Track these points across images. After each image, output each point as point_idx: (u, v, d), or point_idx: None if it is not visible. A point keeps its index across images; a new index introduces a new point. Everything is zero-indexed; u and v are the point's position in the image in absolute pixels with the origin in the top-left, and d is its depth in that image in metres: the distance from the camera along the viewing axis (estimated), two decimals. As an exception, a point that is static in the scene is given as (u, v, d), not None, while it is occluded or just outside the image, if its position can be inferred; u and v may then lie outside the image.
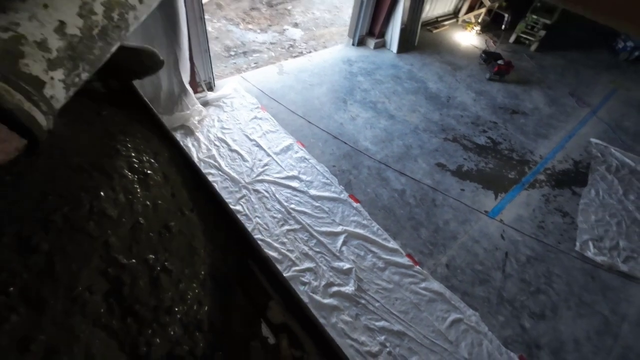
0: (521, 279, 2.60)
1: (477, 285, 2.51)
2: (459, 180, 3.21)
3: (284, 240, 2.54)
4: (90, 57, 0.43)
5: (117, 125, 0.70)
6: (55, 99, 0.40)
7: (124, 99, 0.76)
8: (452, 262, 2.62)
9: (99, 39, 0.43)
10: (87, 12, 0.41)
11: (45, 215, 0.53)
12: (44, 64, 0.38)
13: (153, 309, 0.51)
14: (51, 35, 0.38)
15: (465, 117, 3.96)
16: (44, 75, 0.38)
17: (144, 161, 0.65)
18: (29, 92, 0.36)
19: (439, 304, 2.38)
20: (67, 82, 0.41)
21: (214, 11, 5.00)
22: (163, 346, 0.48)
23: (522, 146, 3.74)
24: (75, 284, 0.49)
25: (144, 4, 0.49)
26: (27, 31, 0.37)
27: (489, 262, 2.65)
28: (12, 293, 0.47)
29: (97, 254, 0.53)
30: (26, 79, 0.36)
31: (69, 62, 0.40)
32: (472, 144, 3.63)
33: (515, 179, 3.35)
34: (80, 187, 0.57)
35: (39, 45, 0.38)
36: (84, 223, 0.55)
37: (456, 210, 2.96)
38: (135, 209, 0.60)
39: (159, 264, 0.55)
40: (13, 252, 0.50)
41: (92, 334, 0.46)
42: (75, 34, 0.40)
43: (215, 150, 3.01)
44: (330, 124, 3.51)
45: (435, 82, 4.39)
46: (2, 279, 0.48)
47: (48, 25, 0.38)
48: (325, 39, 4.92)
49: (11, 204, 0.53)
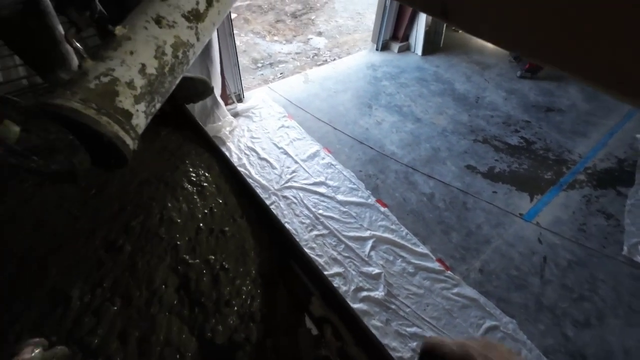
0: (562, 285, 2.47)
1: (513, 291, 2.43)
2: (491, 182, 3.12)
3: (313, 245, 2.59)
4: (162, 90, 0.52)
5: (174, 143, 0.81)
6: (139, 127, 0.49)
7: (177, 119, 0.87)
8: (485, 267, 2.55)
9: (168, 74, 0.52)
10: (160, 54, 0.50)
11: (126, 222, 0.64)
12: (131, 99, 0.47)
13: (215, 301, 0.59)
14: (136, 75, 0.48)
15: (496, 117, 3.84)
16: (132, 109, 0.47)
17: (199, 174, 0.76)
18: (122, 122, 0.45)
19: (472, 310, 2.32)
20: (146, 112, 0.50)
21: (241, 25, 5.24)
22: (224, 333, 0.55)
23: (558, 145, 3.56)
24: (154, 279, 0.59)
25: (200, 41, 0.57)
26: (120, 74, 0.46)
27: (525, 267, 2.55)
28: (106, 286, 0.56)
29: (169, 255, 0.63)
30: (120, 112, 0.46)
31: (148, 96, 0.49)
32: (503, 144, 3.52)
33: (552, 180, 3.20)
34: (151, 198, 0.67)
35: (128, 85, 0.47)
36: (157, 229, 0.65)
37: (489, 213, 2.87)
38: (196, 216, 0.69)
39: (218, 263, 0.63)
40: (104, 251, 0.60)
41: (169, 321, 0.55)
42: (152, 73, 0.49)
43: (246, 159, 3.14)
44: (356, 129, 3.54)
45: (462, 83, 4.30)
46: (100, 274, 0.57)
47: (133, 68, 0.47)
48: (348, 46, 4.99)
49: (97, 211, 0.63)
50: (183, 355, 0.52)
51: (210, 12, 0.59)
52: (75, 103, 0.43)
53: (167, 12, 0.54)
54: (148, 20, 0.52)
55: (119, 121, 0.45)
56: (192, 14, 0.56)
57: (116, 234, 0.62)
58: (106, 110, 0.44)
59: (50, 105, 0.43)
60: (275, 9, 5.73)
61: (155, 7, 0.53)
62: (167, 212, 0.67)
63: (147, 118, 0.51)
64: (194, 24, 0.57)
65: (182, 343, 0.53)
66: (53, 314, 0.53)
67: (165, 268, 0.60)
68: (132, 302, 0.55)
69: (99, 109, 0.44)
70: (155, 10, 0.53)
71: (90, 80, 0.46)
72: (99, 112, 0.44)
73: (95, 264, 0.59)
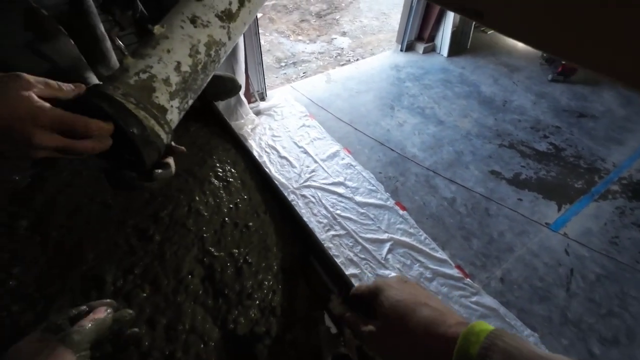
0: (589, 299, 2.35)
1: (536, 302, 2.33)
2: (516, 189, 3.02)
3: (330, 245, 2.59)
4: (195, 87, 0.54)
5: (202, 139, 0.84)
6: (173, 122, 0.52)
7: (206, 116, 0.90)
8: (507, 276, 2.46)
9: (201, 72, 0.54)
10: (194, 53, 0.52)
11: (155, 212, 0.67)
12: (167, 95, 0.49)
13: (238, 293, 0.60)
14: (172, 73, 0.50)
15: (524, 122, 3.70)
16: (167, 104, 0.50)
17: (225, 170, 0.78)
18: (157, 117, 0.48)
19: (492, 320, 2.25)
20: (180, 108, 0.52)
21: (266, 25, 5.31)
22: (246, 325, 0.57)
23: (590, 153, 3.39)
24: (181, 269, 0.61)
25: (231, 40, 0.59)
26: (157, 71, 0.49)
27: (550, 279, 2.45)
28: (137, 273, 0.59)
29: (196, 246, 0.65)
30: (157, 107, 0.48)
31: (182, 92, 0.51)
32: (531, 150, 3.39)
33: (583, 189, 3.05)
34: (179, 190, 0.70)
35: (165, 82, 0.49)
36: (185, 220, 0.68)
37: (512, 221, 2.78)
38: (221, 210, 0.72)
39: (242, 257, 0.65)
40: (136, 239, 0.63)
41: (194, 310, 0.57)
42: (186, 70, 0.52)
43: (266, 157, 3.18)
44: (377, 130, 3.51)
45: (489, 86, 4.18)
46: (131, 261, 0.60)
47: (170, 65, 0.50)
48: (372, 46, 4.95)
49: (129, 201, 0.66)
50: (206, 343, 0.54)
51: (242, 12, 0.61)
52: (117, 96, 0.46)
53: (202, 12, 0.56)
54: (184, 20, 0.54)
55: (155, 116, 0.48)
56: (225, 14, 0.58)
57: (146, 223, 0.66)
58: (144, 104, 0.47)
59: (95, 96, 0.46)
60: (300, 9, 5.77)
61: (191, 7, 0.56)
62: (194, 204, 0.71)
63: (180, 114, 0.53)
64: (227, 23, 0.59)
65: (206, 332, 0.55)
66: (88, 296, 0.57)
67: (191, 259, 0.62)
68: (160, 289, 0.58)
69: (137, 103, 0.47)
70: (191, 10, 0.55)
71: (131, 76, 0.49)
72: (137, 107, 0.47)
73: (127, 251, 0.62)
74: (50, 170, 0.82)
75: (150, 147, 0.48)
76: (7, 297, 0.58)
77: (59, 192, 0.77)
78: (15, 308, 0.57)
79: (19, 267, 0.62)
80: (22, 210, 0.73)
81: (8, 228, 0.69)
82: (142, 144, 0.46)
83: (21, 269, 0.62)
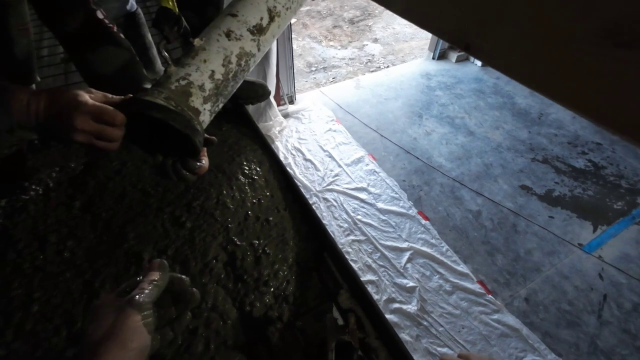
0: (623, 329, 2.20)
1: (563, 327, 2.22)
2: (548, 206, 2.88)
3: (349, 250, 2.62)
4: (225, 93, 0.62)
5: (233, 138, 0.93)
6: (204, 122, 0.61)
7: (237, 117, 0.99)
8: (532, 296, 2.36)
9: (232, 80, 0.62)
10: (227, 63, 0.60)
11: (188, 202, 0.75)
12: (201, 99, 0.58)
13: (255, 279, 0.67)
14: (207, 80, 0.58)
15: (561, 137, 3.53)
16: (200, 107, 0.58)
17: (251, 168, 0.87)
18: (192, 117, 0.55)
19: (513, 341, 2.17)
20: (211, 111, 0.61)
21: (299, 30, 5.46)
22: (261, 309, 0.63)
23: (634, 172, 3.17)
24: (207, 253, 0.69)
25: (260, 51, 0.66)
26: (194, 79, 0.57)
27: (580, 303, 2.32)
28: (170, 254, 0.68)
29: (221, 234, 0.73)
30: (192, 109, 0.56)
31: (214, 97, 0.60)
32: (566, 166, 3.22)
33: (623, 211, 2.86)
34: (210, 184, 0.79)
35: (200, 88, 0.57)
36: (213, 210, 0.76)
37: (542, 239, 2.66)
38: (245, 204, 0.80)
39: (261, 247, 0.72)
40: (170, 225, 0.71)
41: (216, 291, 0.64)
42: (219, 78, 0.60)
43: (292, 158, 3.27)
44: (403, 138, 3.50)
45: (524, 97, 4.03)
46: (165, 243, 0.69)
47: (205, 73, 0.58)
48: (404, 53, 4.94)
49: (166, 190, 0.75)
50: (225, 321, 0.61)
51: (272, 26, 0.68)
52: (160, 100, 0.54)
53: (236, 26, 0.64)
54: (220, 34, 0.62)
55: (190, 116, 0.56)
56: (257, 28, 0.65)
57: (180, 211, 0.75)
58: (182, 107, 0.55)
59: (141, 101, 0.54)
60: (334, 15, 5.87)
61: (227, 22, 0.64)
62: (222, 197, 0.79)
63: (211, 116, 0.62)
64: (257, 37, 0.66)
65: (226, 311, 0.62)
66: (128, 271, 0.66)
67: (217, 245, 0.70)
68: (189, 270, 0.66)
69: (177, 106, 0.55)
70: (227, 25, 0.63)
71: (172, 82, 0.57)
72: (177, 108, 0.55)
73: (162, 234, 0.71)
74: (102, 159, 0.93)
75: (198, 134, 0.57)
76: (62, 265, 0.68)
77: (109, 179, 0.88)
78: (68, 275, 0.66)
79: (72, 241, 0.72)
80: (76, 193, 0.84)
81: (66, 207, 0.80)
82: (192, 133, 0.55)
83: (75, 242, 0.72)
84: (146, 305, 0.44)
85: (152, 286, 0.47)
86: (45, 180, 0.87)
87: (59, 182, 0.86)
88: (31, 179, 0.85)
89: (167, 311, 0.50)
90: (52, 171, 0.90)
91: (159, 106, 0.52)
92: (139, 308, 0.44)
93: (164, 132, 0.55)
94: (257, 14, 0.66)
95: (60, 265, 0.67)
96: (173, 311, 0.50)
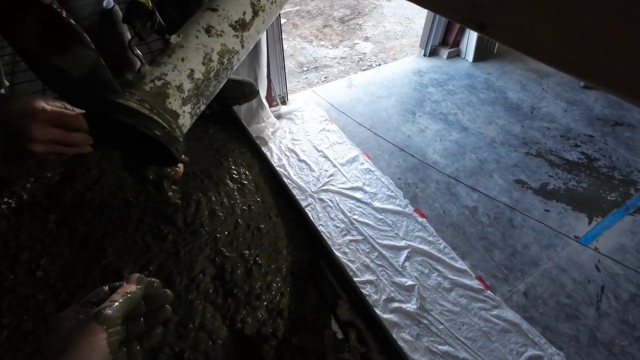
0: (622, 320, 2.20)
1: (562, 320, 2.21)
2: (543, 199, 2.88)
3: (346, 250, 2.58)
4: (207, 94, 0.57)
5: (220, 141, 0.88)
6: (184, 126, 0.55)
7: (225, 119, 0.94)
8: (531, 290, 2.35)
9: (213, 79, 0.57)
10: (207, 61, 0.55)
11: (172, 210, 0.70)
12: (179, 101, 0.53)
13: (247, 293, 0.62)
14: (185, 80, 0.53)
15: (553, 130, 3.54)
16: (179, 110, 0.53)
17: (240, 172, 0.81)
18: (170, 121, 0.50)
19: (513, 336, 2.15)
20: (192, 113, 0.56)
21: (290, 30, 5.40)
22: (253, 325, 0.59)
23: (626, 163, 3.19)
24: (194, 267, 0.64)
25: (244, 48, 0.62)
26: (171, 78, 0.52)
27: (578, 296, 2.31)
28: (152, 270, 0.62)
29: (209, 246, 0.67)
30: (169, 112, 0.51)
31: (194, 98, 0.55)
32: (560, 159, 3.23)
33: (617, 202, 2.87)
34: (195, 190, 0.73)
35: (178, 88, 0.52)
36: (199, 220, 0.70)
37: (538, 233, 2.65)
38: (235, 211, 0.75)
39: (252, 258, 0.67)
40: (152, 238, 0.66)
41: (204, 308, 0.59)
42: (199, 77, 0.55)
43: (286, 160, 3.22)
44: (397, 136, 3.47)
45: (516, 92, 4.03)
46: (147, 258, 0.63)
47: (183, 73, 0.53)
48: (395, 51, 4.92)
49: (148, 201, 0.70)
50: (215, 341, 0.56)
51: (256, 22, 0.63)
52: (132, 103, 0.49)
53: (216, 22, 0.59)
54: (199, 30, 0.57)
55: (168, 120, 0.51)
56: (239, 24, 0.61)
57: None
58: (157, 110, 0.50)
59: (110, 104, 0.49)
60: (324, 14, 5.83)
61: (207, 17, 0.59)
62: (209, 205, 0.74)
63: (192, 118, 0.57)
64: (240, 32, 0.61)
65: (215, 330, 0.57)
66: (106, 290, 0.60)
67: (204, 258, 0.65)
68: (174, 286, 0.61)
69: (151, 109, 0.50)
70: (206, 20, 0.58)
71: (147, 83, 0.52)
72: (151, 112, 0.50)
73: (144, 248, 0.65)
74: (80, 168, 0.87)
75: (175, 142, 0.51)
76: (35, 285, 0.63)
77: (87, 189, 0.82)
78: (40, 297, 0.61)
79: (46, 259, 0.66)
80: (52, 205, 0.78)
81: (41, 221, 0.74)
82: (168, 142, 0.50)
83: (49, 260, 0.66)
84: (115, 321, 0.40)
85: (124, 299, 0.41)
86: (18, 192, 0.81)
87: (34, 194, 0.80)
88: (3, 191, 0.80)
89: (136, 323, 0.44)
90: (27, 182, 0.84)
91: (130, 109, 0.47)
92: (107, 323, 0.39)
93: (138, 139, 0.50)
94: (240, 8, 0.61)
95: (32, 287, 0.61)
96: (142, 324, 0.45)
